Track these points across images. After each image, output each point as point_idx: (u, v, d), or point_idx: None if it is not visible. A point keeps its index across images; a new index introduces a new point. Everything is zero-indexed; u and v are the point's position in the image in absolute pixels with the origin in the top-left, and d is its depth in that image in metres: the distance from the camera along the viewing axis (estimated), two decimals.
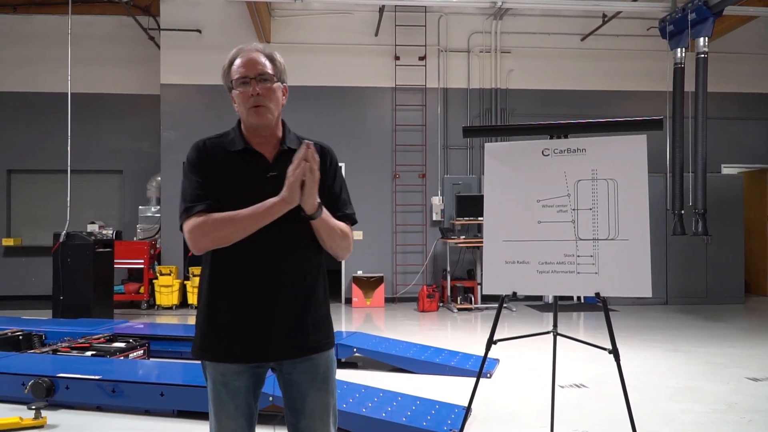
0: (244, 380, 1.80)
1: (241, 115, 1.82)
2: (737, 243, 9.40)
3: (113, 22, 10.37)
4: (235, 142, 1.83)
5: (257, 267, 1.77)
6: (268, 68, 1.80)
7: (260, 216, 1.70)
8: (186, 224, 1.76)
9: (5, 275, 10.29)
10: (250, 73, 1.77)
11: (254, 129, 1.82)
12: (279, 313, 1.78)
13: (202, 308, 1.83)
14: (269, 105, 1.79)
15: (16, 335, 5.55)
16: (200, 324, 1.83)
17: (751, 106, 10.48)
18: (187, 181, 1.80)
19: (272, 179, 1.77)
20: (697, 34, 7.81)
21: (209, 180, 1.78)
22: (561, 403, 4.08)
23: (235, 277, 1.78)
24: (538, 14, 10.05)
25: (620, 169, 2.90)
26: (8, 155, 10.35)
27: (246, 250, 1.74)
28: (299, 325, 1.80)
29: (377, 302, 9.37)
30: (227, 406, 1.80)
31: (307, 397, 1.83)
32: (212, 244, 1.75)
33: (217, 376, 1.80)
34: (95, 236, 7.68)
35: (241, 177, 1.79)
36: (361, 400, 3.86)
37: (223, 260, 1.78)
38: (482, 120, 10.01)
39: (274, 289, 1.77)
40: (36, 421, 3.76)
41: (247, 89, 1.77)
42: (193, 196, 1.76)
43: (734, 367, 5.31)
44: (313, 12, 9.79)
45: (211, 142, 1.84)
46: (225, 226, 1.71)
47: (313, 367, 1.83)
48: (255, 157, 1.82)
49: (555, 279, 2.96)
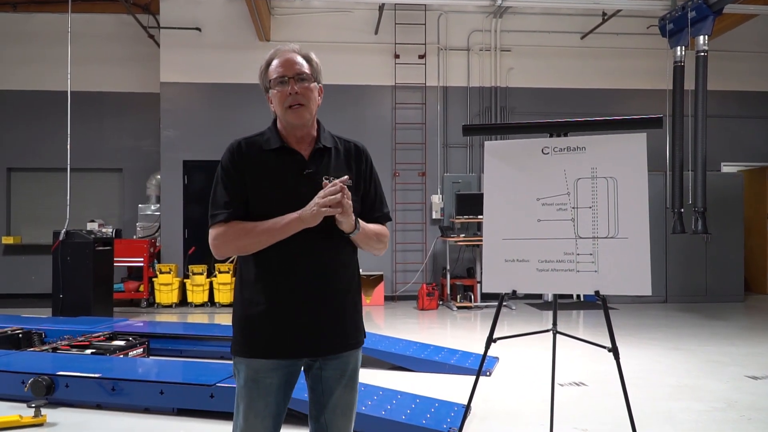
0: (277, 377, 1.81)
1: (279, 114, 1.86)
2: (737, 241, 9.40)
3: (113, 20, 10.36)
4: (271, 141, 1.86)
5: (299, 264, 1.80)
6: (305, 68, 1.84)
7: (277, 232, 1.76)
8: (210, 232, 1.82)
9: (5, 273, 10.29)
10: (288, 72, 1.81)
11: (291, 128, 1.86)
12: (322, 309, 1.81)
13: (242, 305, 1.84)
14: (307, 104, 1.82)
15: (15, 333, 5.56)
16: (238, 321, 1.85)
17: (751, 104, 10.47)
18: (217, 186, 1.83)
19: (308, 177, 1.82)
20: (697, 32, 7.81)
21: (243, 181, 1.80)
22: (560, 401, 4.09)
23: (278, 274, 1.80)
24: (538, 12, 10.04)
25: (620, 168, 2.90)
26: (8, 153, 10.34)
27: (288, 248, 1.77)
28: (340, 322, 1.85)
29: (377, 300, 9.37)
30: (257, 404, 1.80)
31: (334, 393, 1.87)
32: (234, 252, 1.82)
33: (249, 373, 1.81)
34: (95, 234, 7.69)
35: (278, 175, 1.82)
36: (361, 398, 3.82)
37: (266, 257, 1.79)
38: (482, 118, 10.01)
39: (317, 286, 1.81)
40: (36, 419, 3.76)
41: (285, 89, 1.81)
42: (218, 204, 1.80)
43: (734, 366, 5.31)
44: (312, 10, 9.79)
45: (246, 142, 1.87)
46: (244, 238, 1.77)
47: (343, 365, 1.87)
48: (291, 155, 1.85)
49: (555, 277, 2.96)
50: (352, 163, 1.93)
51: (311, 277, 1.80)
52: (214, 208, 1.81)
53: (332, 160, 1.88)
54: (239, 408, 1.83)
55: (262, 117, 9.05)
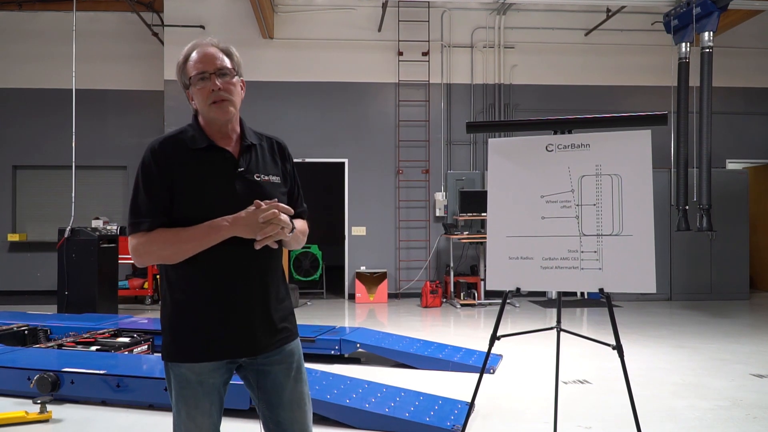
0: (219, 376, 1.79)
1: (202, 111, 1.80)
2: (742, 238, 9.37)
3: (117, 18, 10.38)
4: (197, 139, 1.79)
5: (234, 263, 1.76)
6: (226, 63, 1.79)
7: (204, 241, 1.70)
8: (130, 240, 1.74)
9: (10, 270, 10.34)
10: (209, 68, 1.76)
11: (215, 124, 1.80)
12: (257, 308, 1.79)
13: (175, 309, 1.78)
14: (231, 98, 1.78)
15: (21, 330, 5.59)
16: (172, 325, 1.78)
17: (757, 100, 10.42)
18: (136, 191, 1.75)
19: (241, 175, 1.79)
20: (701, 28, 7.77)
21: (167, 185, 1.72)
22: (564, 399, 4.09)
23: (212, 275, 1.75)
24: (541, 9, 10.00)
25: (624, 165, 2.89)
26: (14, 151, 10.38)
27: (219, 252, 1.73)
28: (276, 316, 1.84)
29: (380, 298, 9.38)
30: (203, 404, 1.77)
31: (285, 389, 1.85)
32: (157, 261, 1.75)
33: (191, 376, 1.76)
34: (100, 232, 7.71)
35: (210, 174, 1.76)
36: (365, 395, 3.86)
37: (196, 262, 1.74)
38: (485, 115, 9.99)
39: (253, 284, 1.79)
40: (41, 415, 3.78)
41: (207, 84, 1.76)
42: (140, 211, 1.73)
43: (739, 363, 5.30)
44: (316, 8, 9.78)
45: (170, 141, 1.79)
46: (168, 248, 1.71)
47: (288, 357, 1.86)
48: (220, 153, 1.80)
49: (559, 275, 2.95)
50: (277, 160, 1.91)
51: (245, 276, 1.77)
52: (135, 216, 1.72)
53: (259, 157, 1.86)
54: (182, 410, 1.78)
55: (266, 114, 9.07)
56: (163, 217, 1.72)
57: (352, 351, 5.33)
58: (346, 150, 9.82)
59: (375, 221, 9.82)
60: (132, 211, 1.74)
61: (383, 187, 9.87)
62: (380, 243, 9.81)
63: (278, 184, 1.87)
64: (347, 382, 4.07)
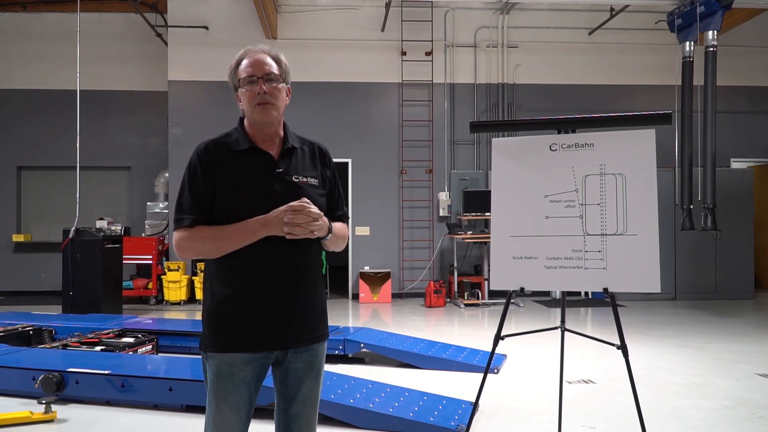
0: (250, 370, 1.84)
1: (247, 112, 1.90)
2: (747, 238, 9.34)
3: (121, 19, 10.41)
4: (239, 141, 1.88)
5: (272, 259, 1.83)
6: (274, 69, 1.88)
7: (240, 240, 1.79)
8: (174, 235, 1.87)
9: (15, 271, 10.37)
10: (257, 72, 1.85)
11: (258, 127, 1.89)
12: (294, 302, 1.86)
13: (214, 300, 1.86)
14: (275, 102, 1.86)
15: (26, 330, 5.61)
16: (210, 316, 1.86)
17: (761, 99, 10.38)
18: (183, 190, 1.86)
19: (279, 176, 1.86)
20: (705, 27, 7.74)
21: (210, 185, 1.82)
22: (569, 398, 4.08)
23: (250, 269, 1.83)
24: (545, 8, 9.98)
25: (628, 164, 2.89)
26: (18, 152, 10.42)
27: (258, 247, 1.80)
28: (310, 315, 1.91)
29: (384, 298, 9.38)
30: (232, 397, 1.83)
31: (302, 386, 1.92)
32: (196, 256, 1.86)
33: (223, 367, 1.83)
34: (104, 232, 7.73)
35: (249, 175, 1.85)
36: (369, 395, 3.87)
37: (236, 255, 1.81)
38: (489, 115, 9.98)
39: (289, 280, 1.85)
40: (46, 415, 3.80)
41: (254, 88, 1.85)
42: (183, 208, 1.83)
43: (744, 363, 5.28)
44: (319, 8, 9.79)
45: (214, 144, 1.88)
46: (207, 244, 1.81)
47: (312, 357, 1.93)
48: (261, 155, 1.88)
49: (563, 274, 2.95)
50: (317, 164, 1.99)
51: (282, 272, 1.84)
52: (179, 212, 1.84)
53: (299, 160, 1.93)
54: (212, 401, 1.86)
55: None
56: (204, 215, 1.82)
57: (356, 351, 5.33)
58: (349, 150, 9.82)
59: (379, 221, 9.82)
60: (177, 207, 1.85)
61: (387, 187, 9.87)
62: (384, 243, 9.81)
63: (316, 186, 1.93)
64: (351, 382, 4.07)
